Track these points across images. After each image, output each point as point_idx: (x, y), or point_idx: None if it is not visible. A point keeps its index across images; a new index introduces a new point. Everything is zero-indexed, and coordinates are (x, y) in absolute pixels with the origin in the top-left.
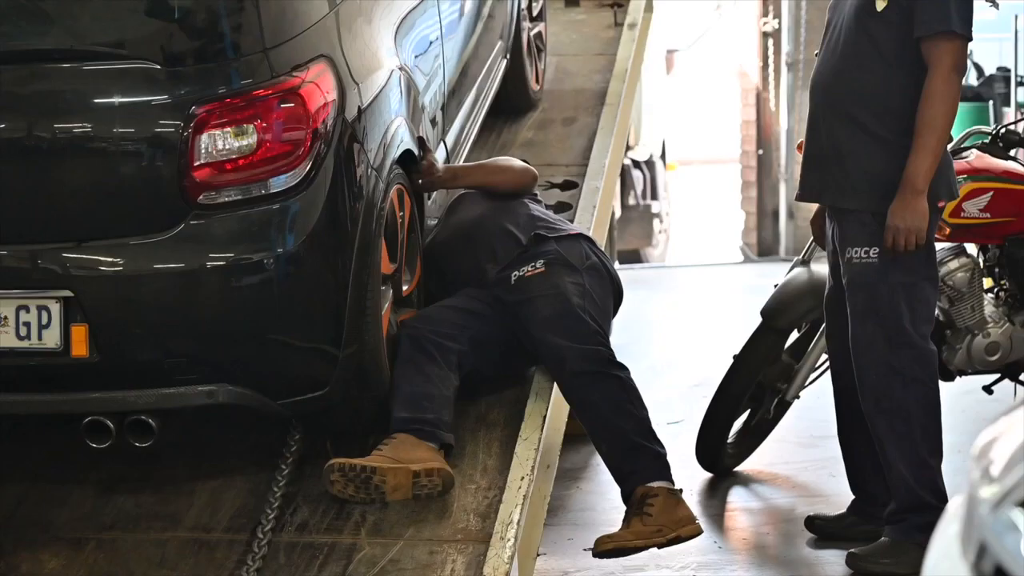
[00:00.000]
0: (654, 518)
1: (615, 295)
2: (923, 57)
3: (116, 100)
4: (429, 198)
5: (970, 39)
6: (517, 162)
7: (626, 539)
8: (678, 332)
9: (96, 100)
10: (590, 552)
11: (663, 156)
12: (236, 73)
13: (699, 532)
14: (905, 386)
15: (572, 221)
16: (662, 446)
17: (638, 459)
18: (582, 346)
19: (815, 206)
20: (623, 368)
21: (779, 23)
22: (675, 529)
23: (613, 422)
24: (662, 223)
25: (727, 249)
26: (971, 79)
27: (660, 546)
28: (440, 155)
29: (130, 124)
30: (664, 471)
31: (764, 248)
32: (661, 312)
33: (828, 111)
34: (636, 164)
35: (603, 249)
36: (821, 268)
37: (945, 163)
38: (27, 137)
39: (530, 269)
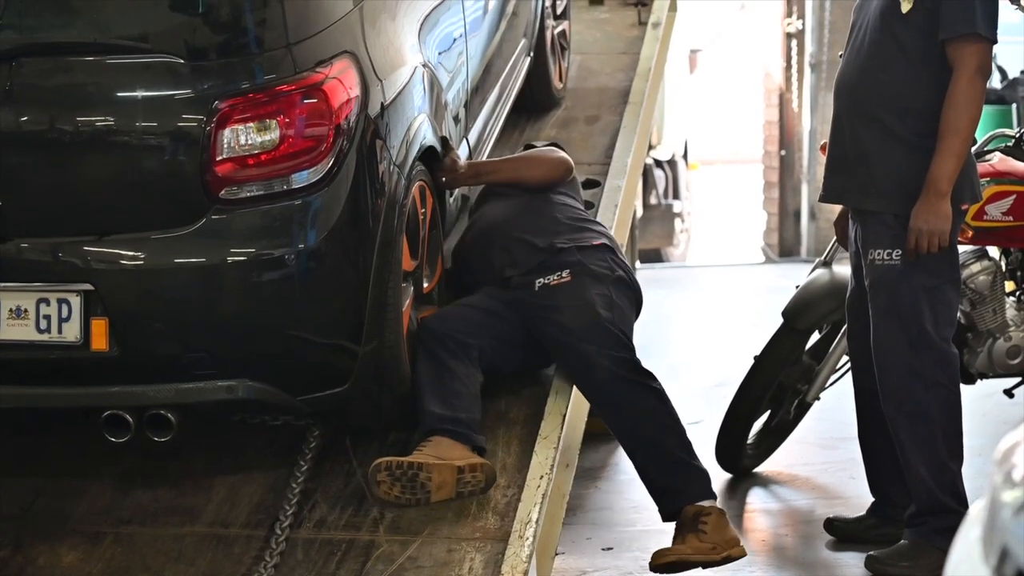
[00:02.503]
0: (709, 535)
1: (636, 307)
2: (948, 59)
3: (139, 94)
4: (451, 195)
5: (995, 42)
6: (548, 154)
7: (686, 553)
8: (699, 332)
9: (119, 94)
10: (608, 551)
11: (685, 156)
12: (259, 68)
13: (745, 554)
14: (926, 389)
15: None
16: (700, 461)
17: (685, 478)
18: (613, 353)
19: (838, 207)
20: (655, 379)
21: (803, 24)
22: (727, 549)
23: (652, 436)
24: (683, 223)
25: (748, 249)
26: (995, 82)
27: (715, 564)
28: (463, 152)
29: (153, 118)
30: (709, 489)
31: (785, 249)
32: (682, 312)
33: (852, 112)
34: (658, 163)
35: (624, 248)
36: (843, 269)
37: (969, 165)
38: (50, 130)
39: (556, 278)
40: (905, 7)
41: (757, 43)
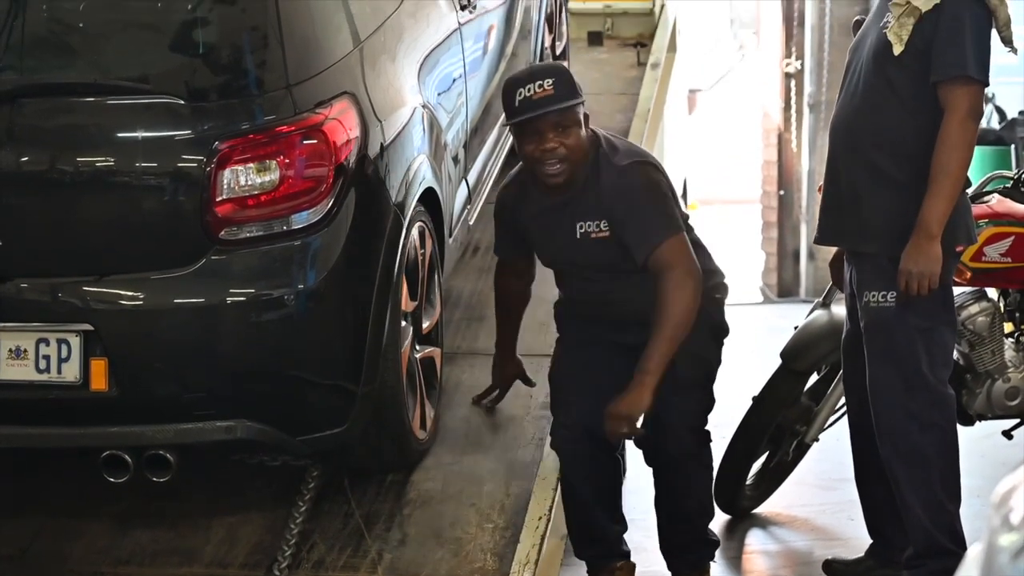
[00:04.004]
0: None
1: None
2: (940, 101)
3: (139, 135)
4: (451, 236)
5: (987, 84)
6: (681, 291)
7: None
8: None
9: (119, 134)
10: None
11: (684, 196)
12: (259, 109)
13: None
14: (923, 431)
15: None
16: (713, 532)
17: (699, 549)
18: (691, 423)
19: (835, 248)
20: (710, 445)
21: (801, 64)
22: None
23: (688, 511)
24: None
25: (747, 289)
26: (993, 123)
27: None
28: (462, 193)
29: (153, 159)
30: (712, 555)
31: (784, 289)
32: None
33: (846, 154)
34: None
35: None
36: (841, 310)
37: (963, 207)
38: (50, 170)
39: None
40: (897, 49)
41: (756, 83)
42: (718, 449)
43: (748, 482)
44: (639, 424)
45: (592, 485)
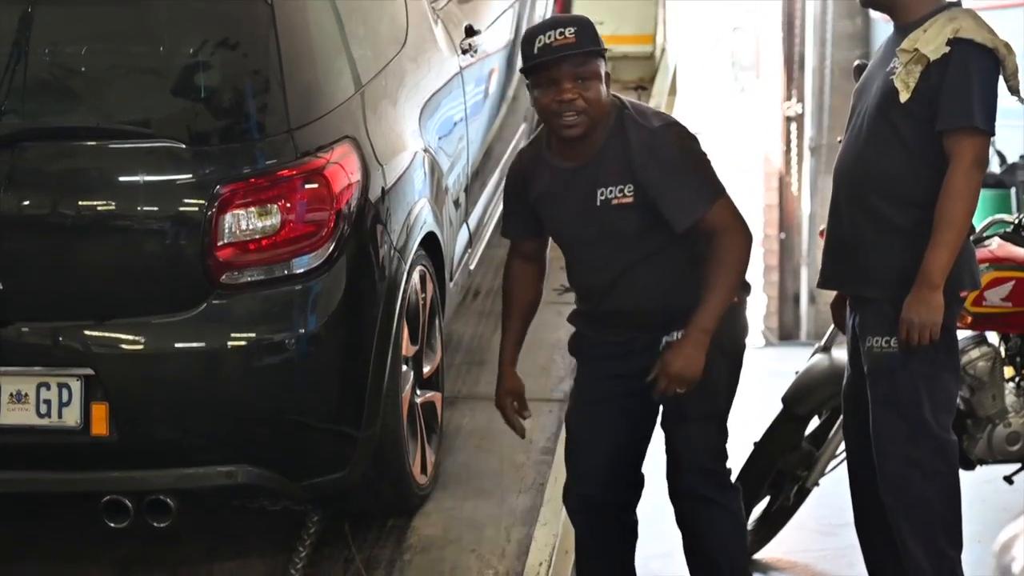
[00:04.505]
0: None
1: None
2: (945, 150)
3: (141, 179)
4: (451, 280)
5: (992, 134)
6: (736, 246)
7: None
8: None
9: (121, 178)
10: None
11: None
12: (261, 153)
13: None
14: (925, 478)
15: None
16: None
17: None
18: (706, 464)
19: (836, 292)
20: (736, 491)
21: (802, 108)
22: None
23: (710, 555)
24: None
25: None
26: (994, 166)
27: None
28: (463, 237)
29: (154, 203)
30: None
31: (785, 332)
32: None
33: (850, 199)
34: None
35: None
36: (842, 355)
37: (967, 252)
38: (51, 214)
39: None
40: (903, 96)
41: (757, 126)
42: None
43: (749, 527)
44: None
45: (602, 551)
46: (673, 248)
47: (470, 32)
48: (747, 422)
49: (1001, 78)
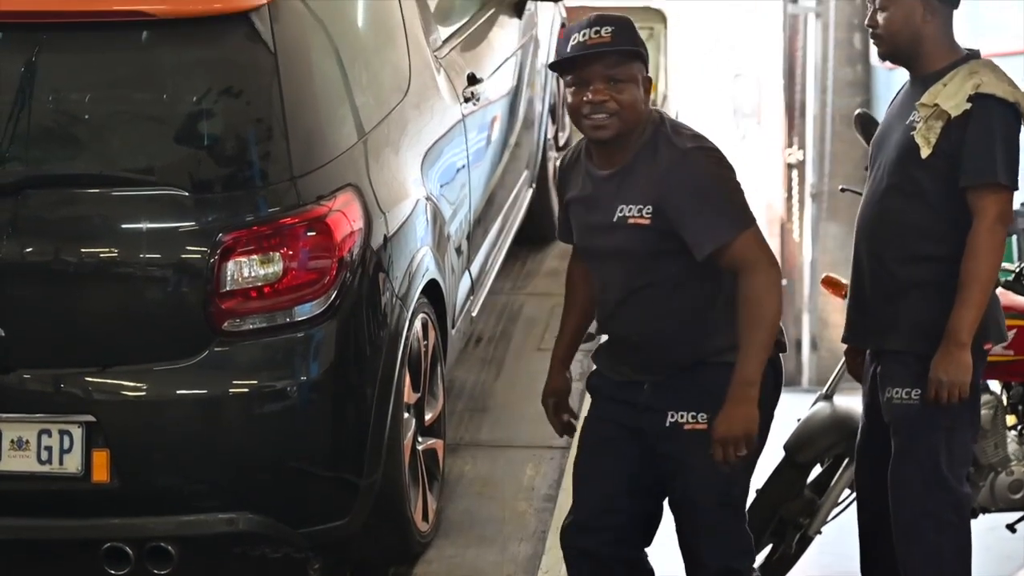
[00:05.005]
0: None
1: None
2: (968, 206)
3: (143, 226)
4: (454, 327)
5: (1016, 189)
6: (768, 292)
7: None
8: None
9: (123, 226)
10: None
11: None
12: (263, 201)
13: None
14: (938, 529)
15: None
16: None
17: None
18: (728, 563)
19: (840, 338)
20: (745, 542)
21: (804, 154)
22: None
23: None
24: None
25: None
26: None
27: None
28: (465, 284)
29: (157, 250)
30: None
31: (787, 378)
32: None
33: (871, 252)
34: None
35: None
36: (844, 402)
37: (993, 304)
38: (54, 261)
39: (691, 420)
40: (925, 152)
41: (758, 173)
42: None
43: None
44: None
45: None
46: (694, 283)
47: (472, 80)
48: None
49: (1022, 134)
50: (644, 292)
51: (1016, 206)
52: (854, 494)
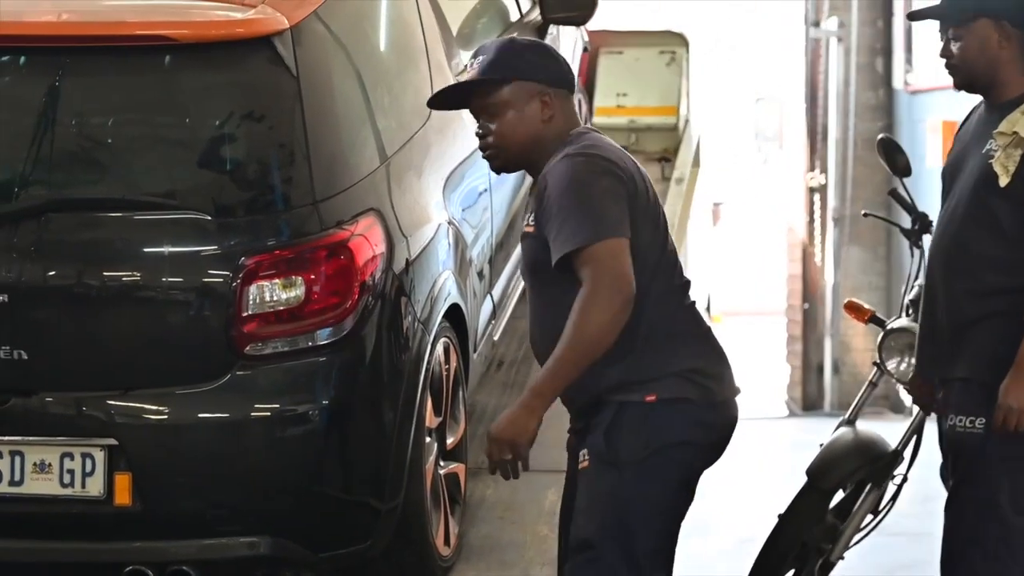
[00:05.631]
0: None
1: (705, 460)
2: None
3: (166, 250)
4: (475, 351)
5: None
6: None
7: None
8: (723, 487)
9: (146, 249)
10: None
11: (708, 308)
12: (286, 225)
13: None
14: (985, 559)
15: None
16: None
17: None
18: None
19: (862, 362)
20: None
21: (826, 178)
22: None
23: None
24: None
25: (772, 402)
26: None
27: None
28: (486, 308)
29: (179, 274)
30: None
31: (809, 402)
32: None
33: (945, 280)
34: None
35: None
36: (866, 428)
37: None
38: (76, 285)
39: (583, 458)
40: (1003, 181)
41: (780, 197)
42: (746, 567)
43: None
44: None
45: None
46: (572, 298)
47: None
48: (771, 494)
49: None
50: (537, 304)
51: None
52: (877, 519)
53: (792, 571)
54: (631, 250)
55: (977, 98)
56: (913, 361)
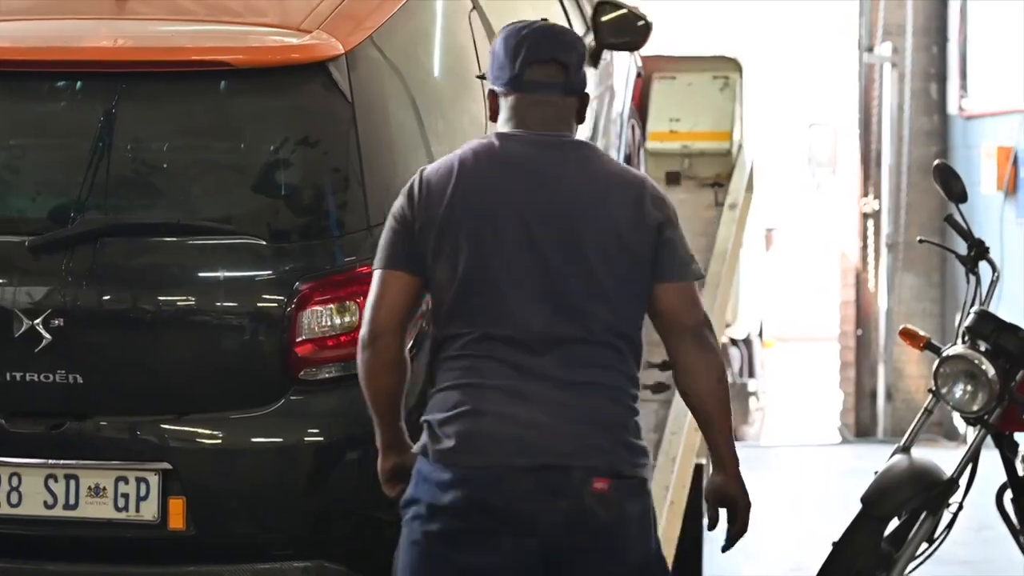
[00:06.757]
0: None
1: None
2: None
3: (221, 275)
4: None
5: None
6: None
7: None
8: (774, 515)
9: (201, 274)
10: None
11: (760, 333)
12: (340, 250)
13: None
14: None
15: (670, 403)
16: None
17: None
18: None
19: (916, 389)
20: None
21: (879, 204)
22: None
23: None
24: (758, 401)
25: (824, 429)
26: None
27: None
28: None
29: (234, 299)
30: None
31: (862, 429)
32: (755, 493)
33: None
34: (734, 342)
35: None
36: (921, 455)
37: None
38: (131, 309)
39: None
40: None
41: (833, 223)
42: None
43: None
44: None
45: None
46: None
47: None
48: (824, 521)
49: None
50: None
51: None
52: (932, 548)
53: None
54: (432, 287)
55: None
56: (969, 388)
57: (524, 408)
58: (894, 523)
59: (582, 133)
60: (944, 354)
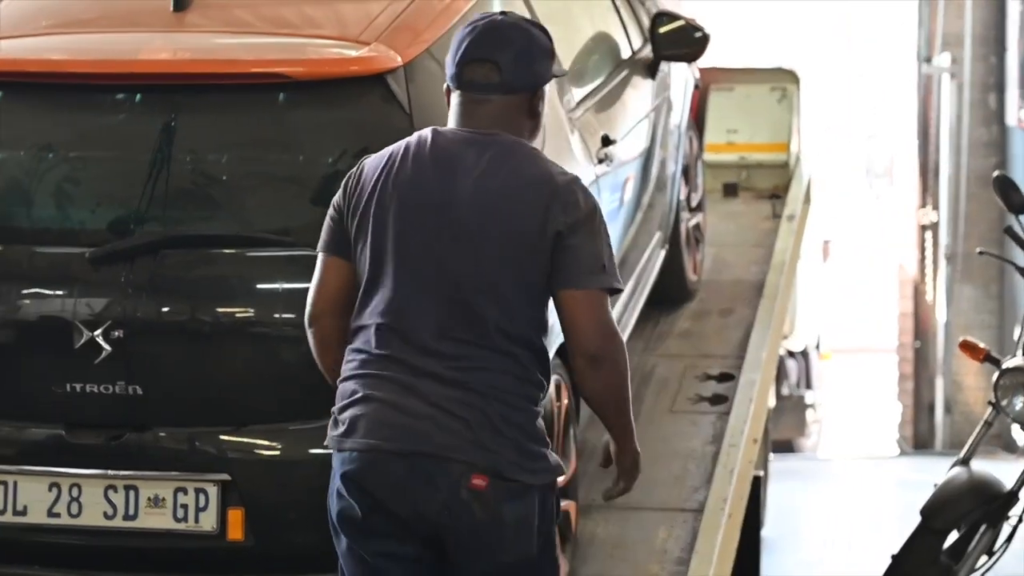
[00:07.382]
0: None
1: None
2: None
3: (279, 286)
4: None
5: None
6: None
7: None
8: (831, 526)
9: (260, 286)
10: None
11: (817, 345)
12: None
13: None
14: None
15: (728, 415)
16: None
17: None
18: None
19: (974, 401)
20: None
21: (938, 215)
22: None
23: None
24: (815, 413)
25: (882, 441)
26: None
27: None
28: None
29: (292, 310)
30: None
31: (920, 441)
32: (813, 505)
33: None
34: (791, 354)
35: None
36: (981, 467)
37: None
38: (191, 320)
39: None
40: None
41: (891, 234)
42: None
43: None
44: None
45: None
46: None
47: (606, 141)
48: (883, 533)
49: None
50: None
51: None
52: (992, 561)
53: None
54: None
55: None
56: None
57: (415, 400)
58: (953, 536)
59: (642, 144)
60: (1004, 366)
